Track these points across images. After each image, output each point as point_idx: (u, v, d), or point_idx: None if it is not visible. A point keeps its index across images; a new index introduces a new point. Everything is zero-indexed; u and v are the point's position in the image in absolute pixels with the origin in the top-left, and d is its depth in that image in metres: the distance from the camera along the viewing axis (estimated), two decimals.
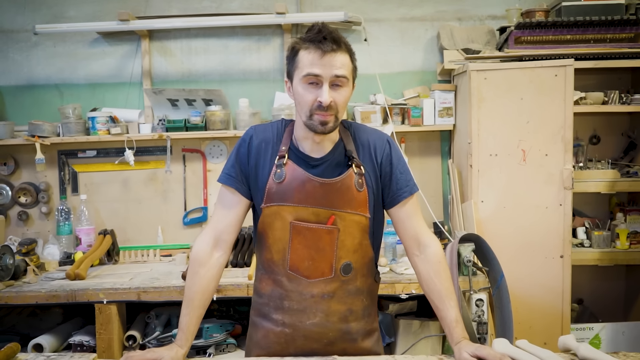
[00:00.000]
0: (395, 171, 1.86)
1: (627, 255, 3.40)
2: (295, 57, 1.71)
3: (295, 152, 1.81)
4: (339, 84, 1.69)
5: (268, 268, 1.83)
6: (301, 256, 1.77)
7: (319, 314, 1.78)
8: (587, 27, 3.27)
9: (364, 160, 1.83)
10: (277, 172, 1.77)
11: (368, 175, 1.82)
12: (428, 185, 3.69)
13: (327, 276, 1.78)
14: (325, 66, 1.66)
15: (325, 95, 1.66)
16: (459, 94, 3.44)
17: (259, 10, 3.66)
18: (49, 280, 3.02)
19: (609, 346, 3.34)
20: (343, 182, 1.77)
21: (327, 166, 1.79)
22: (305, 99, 1.69)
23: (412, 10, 3.72)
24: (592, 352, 1.64)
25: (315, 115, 1.69)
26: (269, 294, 1.83)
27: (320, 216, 1.76)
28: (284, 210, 1.77)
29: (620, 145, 3.72)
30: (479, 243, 2.81)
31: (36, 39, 3.70)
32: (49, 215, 3.71)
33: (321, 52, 1.65)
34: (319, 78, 1.67)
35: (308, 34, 1.70)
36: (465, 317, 2.54)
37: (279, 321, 1.80)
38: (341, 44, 1.69)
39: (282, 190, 1.76)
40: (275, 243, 1.79)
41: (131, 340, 2.91)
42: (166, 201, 3.72)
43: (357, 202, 1.79)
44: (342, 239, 1.77)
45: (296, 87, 1.72)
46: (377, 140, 1.87)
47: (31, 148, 3.54)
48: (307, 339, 1.80)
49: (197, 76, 3.74)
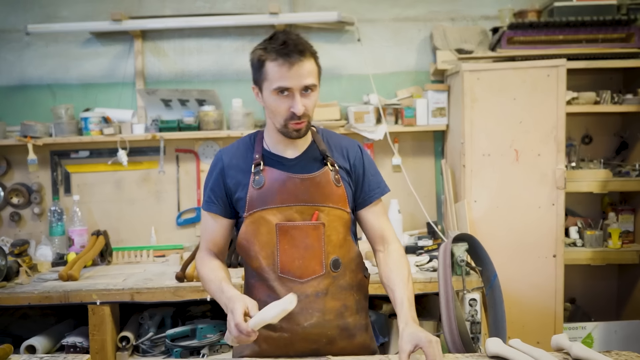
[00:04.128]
0: (367, 173, 1.93)
1: (619, 254, 3.42)
2: (263, 68, 1.73)
3: (270, 157, 1.86)
4: (308, 91, 1.74)
5: (258, 275, 1.83)
6: (291, 257, 1.79)
7: (316, 314, 1.79)
8: (579, 28, 3.29)
9: (337, 160, 1.89)
10: (256, 179, 1.81)
11: (342, 172, 1.88)
12: (421, 185, 3.70)
13: (319, 273, 1.79)
14: (294, 77, 1.69)
15: (298, 106, 1.71)
16: (452, 94, 3.45)
17: (252, 10, 3.66)
18: (41, 281, 3.01)
19: (602, 345, 3.36)
20: (322, 176, 1.82)
21: (304, 164, 1.84)
22: (278, 109, 1.74)
23: (405, 11, 3.72)
24: (584, 351, 1.65)
25: (290, 124, 1.75)
26: (263, 301, 1.83)
27: (305, 214, 1.80)
28: (268, 214, 1.79)
29: (612, 145, 3.73)
30: (472, 243, 2.82)
31: (28, 39, 3.68)
32: (41, 216, 3.69)
33: (289, 64, 1.68)
34: (290, 89, 1.71)
35: (272, 44, 1.71)
36: (459, 316, 2.55)
37: (277, 326, 1.79)
38: (306, 52, 1.72)
39: (264, 195, 1.80)
40: (262, 249, 1.80)
41: (124, 341, 2.90)
42: (159, 202, 3.71)
43: (337, 196, 1.83)
44: (328, 234, 1.81)
45: (267, 98, 1.76)
46: (349, 144, 1.95)
47: (23, 149, 3.52)
48: (307, 340, 1.80)
49: (191, 76, 3.73)
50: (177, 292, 2.85)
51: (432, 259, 3.07)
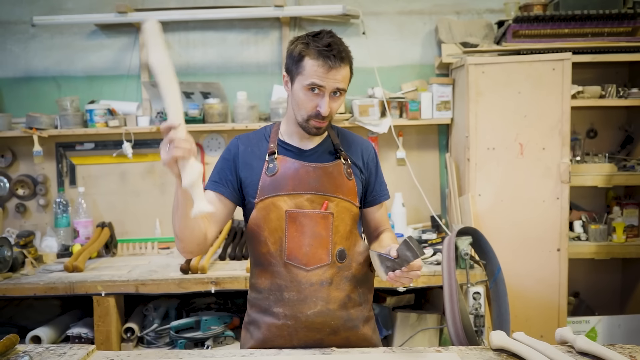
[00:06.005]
0: (379, 173, 2.01)
1: (623, 248, 3.42)
2: (301, 62, 1.76)
3: (285, 147, 1.89)
4: (337, 94, 1.78)
5: (265, 261, 1.84)
6: (298, 244, 1.80)
7: (320, 303, 1.80)
8: (584, 21, 3.28)
9: (351, 157, 1.93)
10: (270, 166, 1.84)
11: (355, 168, 1.92)
12: (426, 178, 3.70)
13: (325, 262, 1.81)
14: (329, 79, 1.74)
15: (325, 106, 1.76)
16: (457, 88, 3.45)
17: (257, 3, 3.66)
18: (46, 272, 3.03)
19: (605, 339, 3.36)
20: (334, 167, 1.86)
21: (318, 155, 1.89)
22: (305, 105, 1.78)
23: (410, 4, 3.72)
24: (589, 345, 1.65)
25: (312, 121, 1.79)
26: (268, 288, 1.84)
27: (315, 202, 1.82)
28: (279, 200, 1.81)
29: (617, 139, 3.73)
30: (476, 236, 2.83)
31: (34, 31, 3.69)
32: (46, 207, 3.71)
33: (328, 67, 1.72)
34: (322, 89, 1.75)
35: (317, 42, 1.74)
36: (463, 310, 2.56)
37: (280, 314, 1.81)
38: (346, 59, 1.77)
39: (276, 182, 1.82)
40: (271, 234, 1.81)
41: (129, 333, 2.92)
42: (164, 194, 3.72)
43: (348, 189, 1.87)
44: (336, 224, 1.83)
45: (297, 91, 1.78)
46: (364, 143, 2.00)
47: (29, 140, 3.54)
48: (310, 329, 1.81)
49: (195, 69, 3.73)
50: (182, 284, 2.86)
51: (436, 252, 3.07)
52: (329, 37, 1.76)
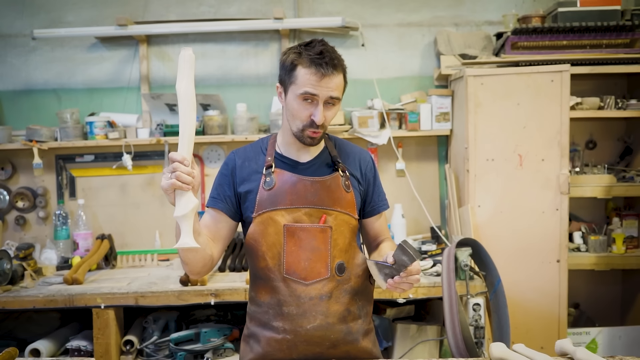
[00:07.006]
0: (377, 183, 1.99)
1: (623, 259, 3.42)
2: (294, 72, 1.75)
3: (282, 160, 1.88)
4: (332, 103, 1.77)
5: (264, 276, 1.83)
6: (297, 258, 1.79)
7: (319, 317, 1.79)
8: (583, 33, 3.30)
9: (349, 168, 1.92)
10: (267, 180, 1.83)
11: (353, 179, 1.91)
12: (425, 189, 3.70)
13: (324, 276, 1.80)
14: (322, 87, 1.73)
15: (319, 115, 1.74)
16: (456, 99, 3.46)
17: (257, 15, 3.68)
18: (46, 285, 3.02)
19: (606, 350, 3.35)
20: (332, 180, 1.85)
21: (315, 168, 1.87)
22: (299, 114, 1.77)
23: (409, 16, 3.74)
24: (589, 356, 1.65)
25: (307, 131, 1.78)
26: (267, 302, 1.83)
27: (313, 216, 1.81)
28: (276, 214, 1.80)
29: (617, 150, 3.73)
30: (476, 247, 2.82)
31: (34, 44, 3.70)
32: (46, 219, 3.71)
33: (321, 75, 1.71)
34: (315, 97, 1.74)
35: (308, 51, 1.74)
36: (463, 321, 2.56)
37: (280, 328, 1.80)
38: (339, 66, 1.75)
39: (274, 196, 1.81)
40: (269, 249, 1.81)
41: (129, 345, 2.91)
42: (164, 206, 3.71)
43: (346, 202, 1.86)
44: (335, 237, 1.82)
45: (291, 101, 1.78)
46: (361, 153, 1.99)
47: (29, 153, 3.54)
48: (310, 343, 1.81)
49: (195, 81, 3.64)
50: (181, 296, 2.86)
51: (436, 263, 3.07)
52: (321, 45, 1.75)
